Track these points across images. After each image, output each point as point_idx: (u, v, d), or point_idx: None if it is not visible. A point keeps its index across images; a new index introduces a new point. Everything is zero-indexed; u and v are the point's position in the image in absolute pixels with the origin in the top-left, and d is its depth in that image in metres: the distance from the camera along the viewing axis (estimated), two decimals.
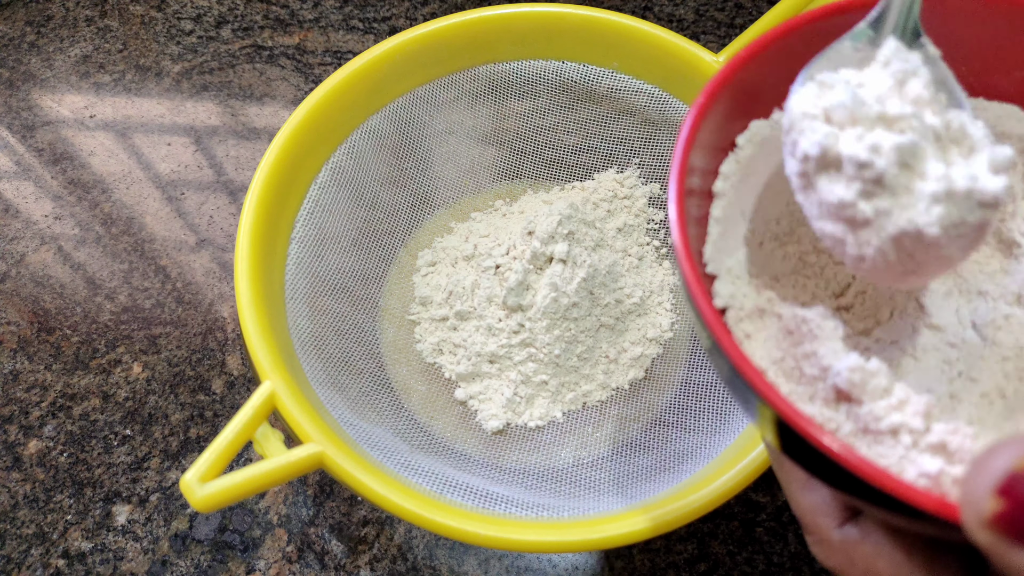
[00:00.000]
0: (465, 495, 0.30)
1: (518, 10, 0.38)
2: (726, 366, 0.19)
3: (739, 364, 0.18)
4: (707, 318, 0.18)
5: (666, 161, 0.41)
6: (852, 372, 0.19)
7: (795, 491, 0.22)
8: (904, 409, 0.18)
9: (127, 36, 0.54)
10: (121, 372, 0.41)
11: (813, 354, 0.20)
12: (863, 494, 0.17)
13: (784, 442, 0.19)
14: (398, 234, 0.41)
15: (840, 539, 0.20)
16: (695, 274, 0.19)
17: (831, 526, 0.20)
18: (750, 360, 0.18)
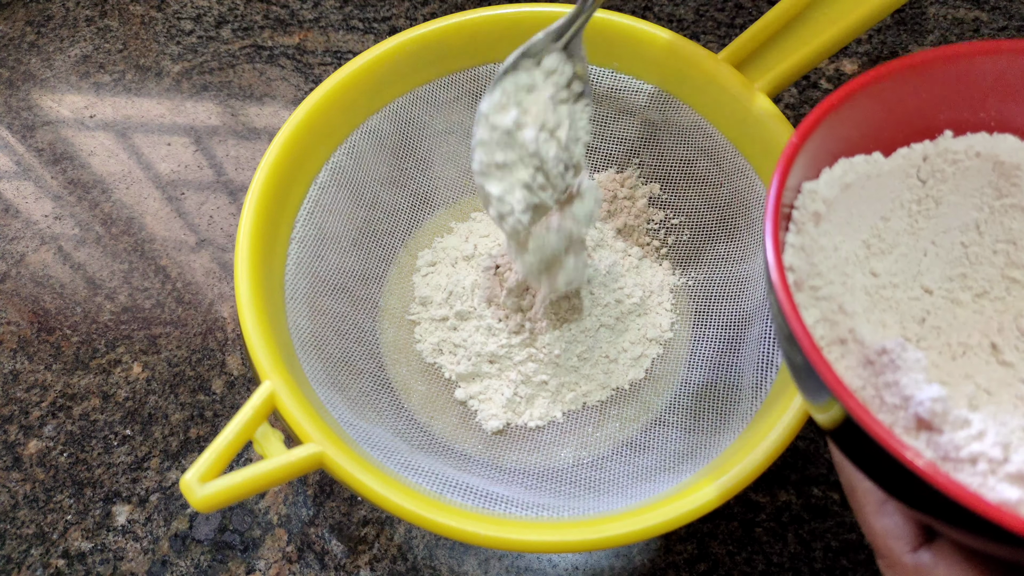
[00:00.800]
0: (465, 495, 0.30)
1: (518, 10, 0.38)
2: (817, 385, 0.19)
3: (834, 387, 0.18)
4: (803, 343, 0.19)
5: (666, 161, 0.41)
6: (934, 402, 0.19)
7: (868, 515, 0.22)
8: (983, 439, 0.19)
9: (127, 36, 0.54)
10: (121, 372, 0.41)
11: (895, 383, 0.21)
12: (948, 514, 0.17)
13: (869, 465, 0.19)
14: (398, 234, 0.41)
15: (913, 564, 0.20)
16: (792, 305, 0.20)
17: (904, 550, 0.21)
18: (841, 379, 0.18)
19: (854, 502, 0.23)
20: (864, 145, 0.25)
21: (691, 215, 0.41)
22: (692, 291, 0.40)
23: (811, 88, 0.50)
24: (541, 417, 0.36)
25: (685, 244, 0.41)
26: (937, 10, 0.53)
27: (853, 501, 0.23)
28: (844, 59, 0.51)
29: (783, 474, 0.37)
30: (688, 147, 0.39)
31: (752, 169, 0.36)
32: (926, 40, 0.51)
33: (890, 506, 0.21)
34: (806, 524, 0.36)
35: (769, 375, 0.32)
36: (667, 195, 0.41)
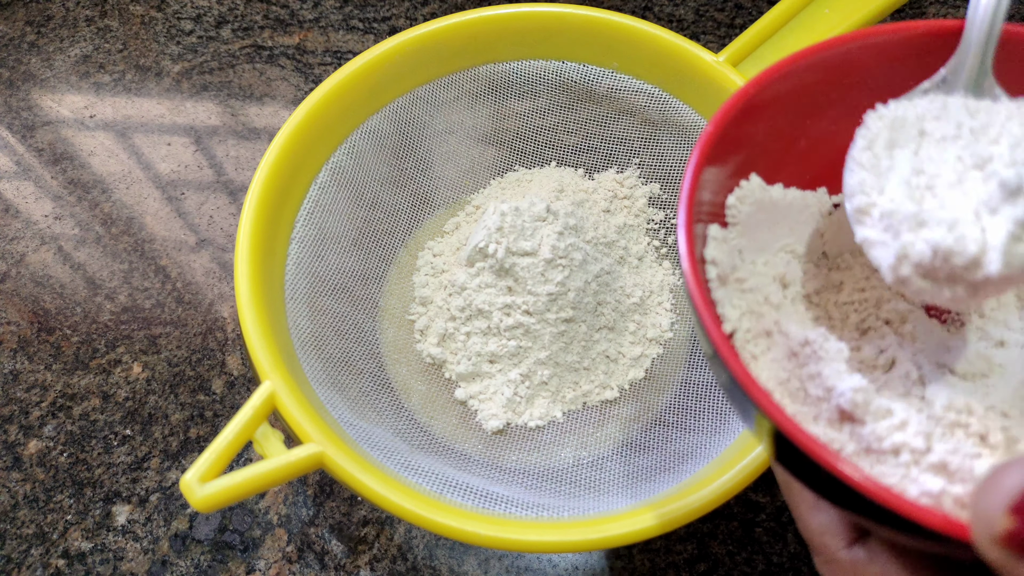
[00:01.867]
0: (465, 495, 0.30)
1: (518, 10, 0.38)
2: (733, 385, 0.19)
3: (745, 384, 0.18)
4: (715, 340, 0.19)
5: (666, 161, 0.41)
6: (855, 393, 0.19)
7: (803, 512, 0.22)
8: (905, 429, 0.19)
9: (127, 36, 0.54)
10: (121, 372, 0.41)
11: (818, 375, 0.20)
12: (871, 514, 0.17)
13: (791, 463, 0.19)
14: (398, 234, 0.41)
15: (848, 559, 0.20)
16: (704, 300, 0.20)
17: (839, 546, 0.21)
18: (756, 380, 0.18)
19: (790, 499, 0.22)
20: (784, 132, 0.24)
21: None
22: None
23: None
24: (541, 417, 0.36)
25: None
26: (937, 10, 0.53)
27: (789, 498, 0.23)
28: None
29: None
30: (688, 147, 0.39)
31: None
32: None
33: (824, 503, 0.21)
34: None
35: None
36: (667, 195, 0.41)
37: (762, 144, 0.24)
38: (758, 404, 0.18)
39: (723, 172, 0.23)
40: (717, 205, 0.23)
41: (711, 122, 0.22)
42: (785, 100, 0.24)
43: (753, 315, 0.22)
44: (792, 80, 0.24)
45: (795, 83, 0.24)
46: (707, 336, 0.19)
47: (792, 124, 0.24)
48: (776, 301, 0.23)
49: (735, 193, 0.24)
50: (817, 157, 0.25)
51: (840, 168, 0.25)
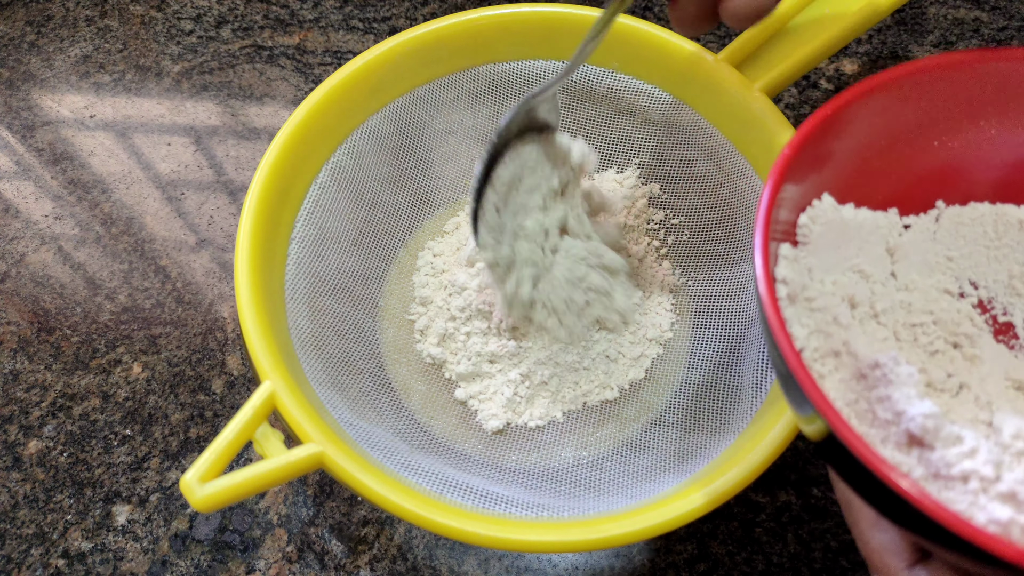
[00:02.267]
0: (465, 495, 0.30)
1: (518, 10, 0.38)
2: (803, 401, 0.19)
3: (815, 399, 0.18)
4: (788, 357, 0.19)
5: (666, 161, 0.41)
6: (926, 418, 0.19)
7: (864, 529, 0.22)
8: (975, 457, 0.19)
9: (127, 36, 0.54)
10: (121, 372, 0.41)
11: (888, 398, 0.21)
12: (938, 538, 0.17)
13: (857, 482, 0.19)
14: (398, 234, 0.41)
15: None
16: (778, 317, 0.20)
17: (900, 567, 0.20)
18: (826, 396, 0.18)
19: (850, 516, 0.22)
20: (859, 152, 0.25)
21: (691, 215, 0.40)
22: (692, 291, 0.40)
23: (811, 88, 0.50)
24: (541, 417, 0.36)
25: (685, 244, 0.41)
26: (937, 10, 0.53)
27: (849, 515, 0.22)
28: (844, 59, 0.51)
29: (783, 474, 0.37)
30: (688, 147, 0.39)
31: (752, 169, 0.36)
32: (926, 40, 0.51)
33: (886, 522, 0.21)
34: (806, 524, 0.36)
35: (769, 375, 0.32)
36: (667, 195, 0.41)
37: (836, 163, 0.24)
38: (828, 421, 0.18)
39: (797, 191, 0.23)
40: (789, 224, 0.24)
41: (791, 141, 0.22)
42: (864, 121, 0.24)
43: (821, 334, 0.22)
44: (873, 102, 0.24)
45: (875, 105, 0.24)
46: (780, 353, 0.19)
47: (868, 145, 0.25)
48: (845, 321, 0.23)
49: (807, 213, 0.24)
50: (890, 178, 0.25)
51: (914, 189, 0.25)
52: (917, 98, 0.24)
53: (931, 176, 0.26)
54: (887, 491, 0.17)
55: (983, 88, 0.24)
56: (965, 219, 0.26)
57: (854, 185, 0.25)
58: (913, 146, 0.25)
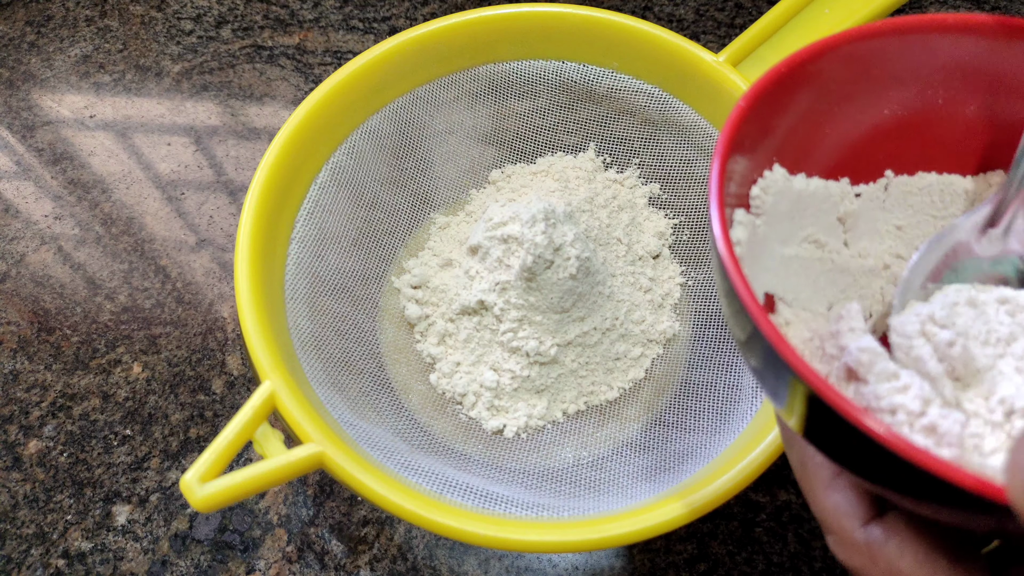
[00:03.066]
0: (465, 495, 0.30)
1: (518, 10, 0.38)
2: (761, 344, 0.19)
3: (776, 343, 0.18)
4: (745, 300, 0.18)
5: (666, 161, 0.41)
6: (861, 352, 0.19)
7: (818, 492, 0.22)
8: (906, 392, 0.19)
9: (127, 36, 0.54)
10: (121, 372, 0.41)
11: (836, 333, 0.21)
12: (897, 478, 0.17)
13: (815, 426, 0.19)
14: (398, 234, 0.41)
15: (863, 539, 0.20)
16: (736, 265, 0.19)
17: (854, 526, 0.20)
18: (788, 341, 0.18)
19: (804, 479, 0.22)
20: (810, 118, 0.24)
21: (691, 215, 0.41)
22: (692, 291, 0.40)
23: None
24: (541, 417, 0.36)
25: (685, 244, 0.41)
26: (937, 10, 0.53)
27: (803, 479, 0.22)
28: None
29: (783, 474, 0.37)
30: (688, 147, 0.39)
31: None
32: None
33: (841, 481, 0.21)
34: (806, 523, 0.36)
35: None
36: (667, 195, 0.41)
37: (785, 132, 0.24)
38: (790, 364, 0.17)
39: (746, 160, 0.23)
40: (742, 197, 0.23)
41: (738, 105, 0.22)
42: (811, 87, 0.24)
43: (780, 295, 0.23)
44: (818, 67, 0.23)
45: (821, 70, 0.23)
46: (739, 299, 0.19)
47: (816, 112, 0.24)
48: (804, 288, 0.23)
49: (759, 184, 0.24)
50: (841, 146, 0.25)
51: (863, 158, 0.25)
52: (866, 63, 0.24)
53: (880, 145, 0.25)
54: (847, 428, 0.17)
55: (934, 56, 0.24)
56: (913, 188, 0.26)
57: (805, 153, 0.25)
58: (863, 113, 0.25)
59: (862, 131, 0.25)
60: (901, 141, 0.26)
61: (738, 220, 0.23)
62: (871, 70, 0.24)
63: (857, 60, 0.24)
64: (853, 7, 0.34)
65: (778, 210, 0.24)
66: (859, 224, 0.26)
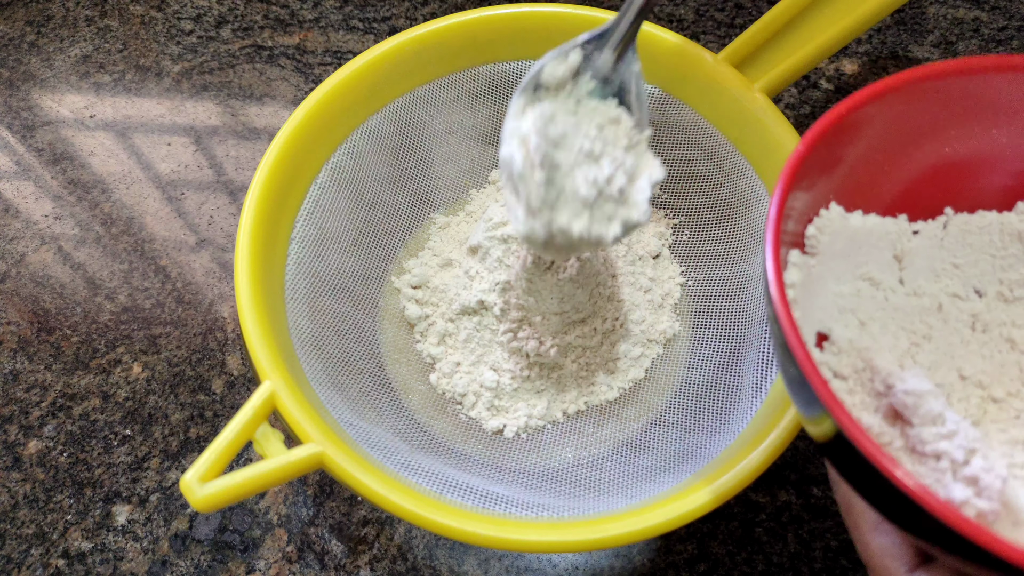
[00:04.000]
0: (465, 495, 0.30)
1: (518, 10, 0.38)
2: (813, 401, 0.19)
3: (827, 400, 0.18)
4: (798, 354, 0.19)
5: (666, 161, 0.41)
6: (907, 395, 0.20)
7: (864, 533, 0.21)
8: (952, 439, 0.19)
9: (127, 36, 0.54)
10: (121, 372, 0.41)
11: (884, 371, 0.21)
12: (941, 540, 0.17)
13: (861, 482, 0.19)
14: (398, 234, 0.41)
15: None
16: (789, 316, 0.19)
17: (900, 571, 0.20)
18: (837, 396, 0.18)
19: (850, 519, 0.22)
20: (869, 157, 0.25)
21: (691, 215, 0.41)
22: (692, 291, 0.40)
23: (811, 88, 0.50)
24: (541, 417, 0.36)
25: (685, 244, 0.41)
26: (937, 10, 0.53)
27: (849, 518, 0.22)
28: (844, 59, 0.51)
29: (783, 474, 0.37)
30: (688, 147, 0.39)
31: (752, 169, 0.36)
32: (926, 40, 0.51)
33: (887, 525, 0.21)
34: (806, 524, 0.36)
35: (769, 375, 0.32)
36: (667, 195, 0.41)
37: (845, 168, 0.24)
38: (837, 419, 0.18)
39: (805, 198, 0.23)
40: (797, 235, 0.24)
41: (801, 144, 0.22)
42: (874, 125, 0.24)
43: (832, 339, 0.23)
44: (878, 108, 0.24)
45: (886, 109, 0.24)
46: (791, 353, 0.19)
47: (877, 149, 0.25)
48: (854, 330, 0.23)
49: (815, 223, 0.24)
50: (899, 183, 0.25)
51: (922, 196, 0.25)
52: (929, 103, 0.24)
53: (940, 182, 0.26)
54: (892, 490, 0.17)
55: (997, 95, 0.24)
56: (972, 227, 0.26)
57: (862, 190, 0.25)
58: (923, 151, 0.25)
59: (922, 169, 0.25)
60: (962, 179, 0.26)
61: (792, 262, 0.23)
62: (932, 108, 0.24)
63: (918, 99, 0.24)
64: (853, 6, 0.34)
65: (834, 249, 0.24)
66: (916, 262, 0.26)
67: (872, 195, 0.25)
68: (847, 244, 0.24)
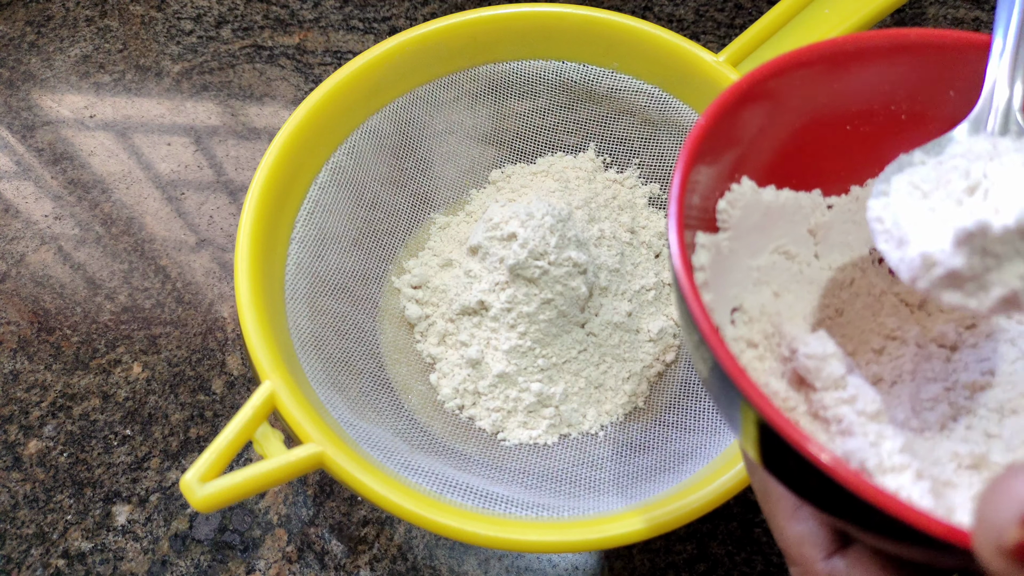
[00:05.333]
0: (465, 495, 0.30)
1: (518, 10, 0.38)
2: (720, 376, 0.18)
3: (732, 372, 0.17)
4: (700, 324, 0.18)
5: (666, 161, 0.41)
6: (808, 358, 0.19)
7: (780, 521, 0.21)
8: (853, 404, 0.19)
9: (127, 36, 0.54)
10: (121, 372, 0.41)
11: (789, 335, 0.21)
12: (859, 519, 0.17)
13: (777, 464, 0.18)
14: (398, 234, 0.41)
15: (826, 571, 0.20)
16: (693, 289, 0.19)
17: (817, 557, 0.20)
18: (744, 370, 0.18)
19: (766, 507, 0.22)
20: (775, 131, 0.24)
21: None
22: None
23: None
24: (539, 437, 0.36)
25: None
26: (937, 10, 0.53)
27: (765, 506, 0.22)
28: None
29: None
30: None
31: None
32: None
33: (804, 511, 0.21)
34: None
35: None
36: (667, 195, 0.41)
37: (754, 143, 0.24)
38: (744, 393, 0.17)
39: (713, 173, 0.23)
40: (707, 210, 0.23)
41: (703, 116, 0.21)
42: (781, 97, 0.24)
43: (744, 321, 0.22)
44: (789, 77, 0.23)
45: (792, 81, 0.24)
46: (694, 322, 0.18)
47: (783, 124, 0.24)
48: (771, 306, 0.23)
49: (726, 197, 0.23)
50: (812, 157, 0.25)
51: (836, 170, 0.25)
52: (831, 79, 0.24)
53: (845, 161, 0.25)
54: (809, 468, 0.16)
55: (896, 72, 0.24)
56: None
57: (773, 165, 0.24)
58: (828, 128, 0.25)
59: (827, 146, 0.25)
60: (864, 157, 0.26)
61: (700, 243, 0.22)
62: (835, 84, 0.24)
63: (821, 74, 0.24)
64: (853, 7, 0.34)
65: (747, 223, 0.24)
66: (830, 236, 0.25)
67: (784, 170, 0.25)
68: (761, 218, 0.24)
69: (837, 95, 0.24)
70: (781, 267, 0.24)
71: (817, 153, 0.25)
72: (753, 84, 0.23)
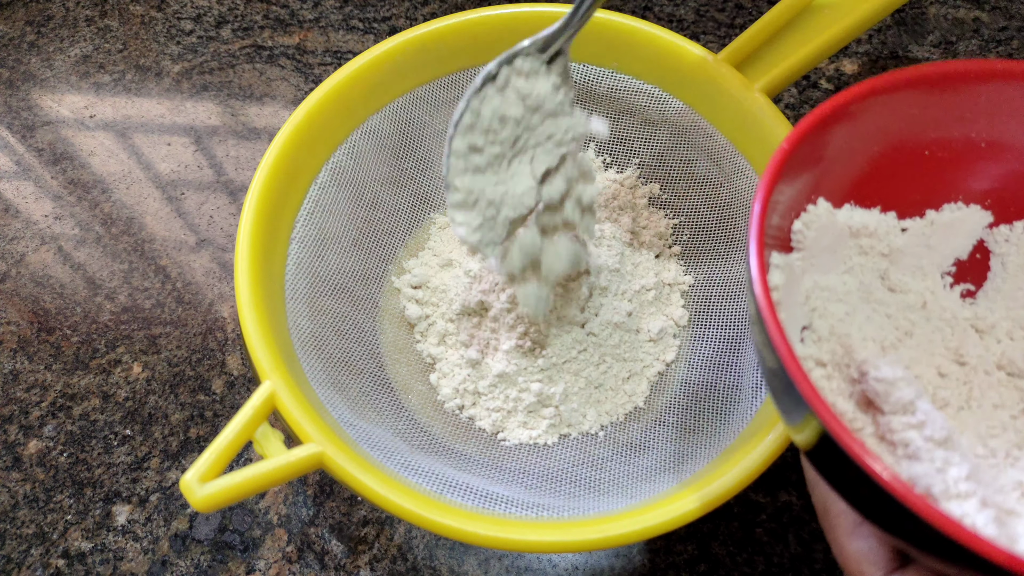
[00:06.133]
0: (465, 495, 0.30)
1: (518, 10, 0.38)
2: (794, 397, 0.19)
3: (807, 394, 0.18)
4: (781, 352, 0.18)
5: (666, 161, 0.41)
6: (878, 382, 0.20)
7: (841, 536, 0.21)
8: (921, 429, 0.19)
9: (127, 36, 0.54)
10: (121, 372, 0.41)
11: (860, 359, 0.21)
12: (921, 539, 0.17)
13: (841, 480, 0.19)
14: (398, 234, 0.41)
15: None
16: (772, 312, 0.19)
17: (876, 575, 0.20)
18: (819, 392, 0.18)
19: (826, 523, 0.22)
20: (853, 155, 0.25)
21: (691, 215, 0.40)
22: (692, 291, 0.40)
23: (811, 88, 0.50)
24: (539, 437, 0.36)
25: (685, 244, 0.41)
26: (937, 10, 0.53)
27: (826, 522, 0.22)
28: (844, 59, 0.51)
29: (783, 474, 0.37)
30: (688, 147, 0.39)
31: (752, 169, 0.36)
32: (926, 40, 0.51)
33: (864, 528, 0.21)
34: (807, 525, 0.36)
35: None
36: (667, 195, 0.41)
37: (831, 165, 0.24)
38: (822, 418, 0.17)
39: (791, 194, 0.23)
40: (783, 230, 0.23)
41: (786, 140, 0.22)
42: (862, 122, 0.24)
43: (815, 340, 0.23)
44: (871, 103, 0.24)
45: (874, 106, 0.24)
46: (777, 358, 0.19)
47: (861, 149, 0.25)
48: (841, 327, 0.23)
49: (802, 218, 0.24)
50: (881, 184, 0.25)
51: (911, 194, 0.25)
52: (911, 105, 0.24)
53: (921, 185, 0.26)
54: (875, 489, 0.17)
55: (976, 100, 0.24)
56: None
57: (850, 187, 0.25)
58: (905, 153, 0.25)
59: (904, 171, 0.25)
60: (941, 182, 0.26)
61: (774, 264, 0.23)
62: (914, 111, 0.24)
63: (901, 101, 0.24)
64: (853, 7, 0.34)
65: (820, 244, 0.24)
66: (903, 259, 0.26)
67: (859, 193, 0.25)
68: (834, 239, 0.24)
69: (917, 121, 0.25)
70: (852, 288, 0.25)
71: (894, 176, 0.25)
72: (836, 108, 0.23)
